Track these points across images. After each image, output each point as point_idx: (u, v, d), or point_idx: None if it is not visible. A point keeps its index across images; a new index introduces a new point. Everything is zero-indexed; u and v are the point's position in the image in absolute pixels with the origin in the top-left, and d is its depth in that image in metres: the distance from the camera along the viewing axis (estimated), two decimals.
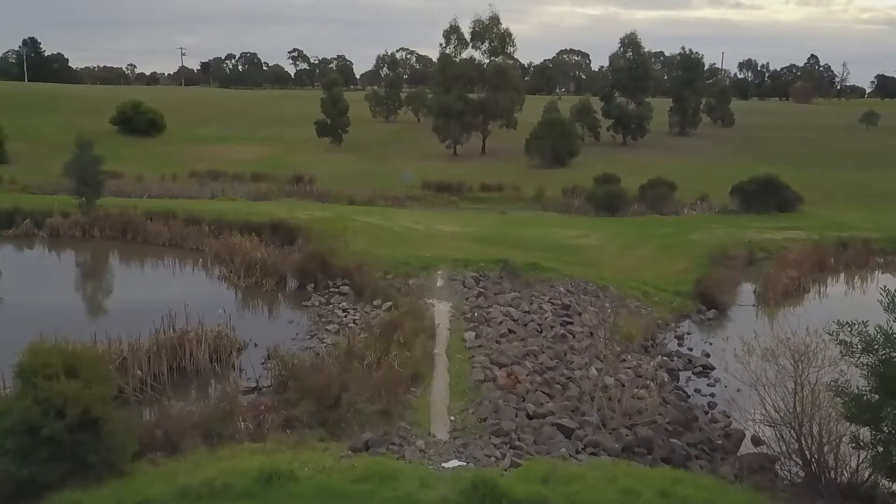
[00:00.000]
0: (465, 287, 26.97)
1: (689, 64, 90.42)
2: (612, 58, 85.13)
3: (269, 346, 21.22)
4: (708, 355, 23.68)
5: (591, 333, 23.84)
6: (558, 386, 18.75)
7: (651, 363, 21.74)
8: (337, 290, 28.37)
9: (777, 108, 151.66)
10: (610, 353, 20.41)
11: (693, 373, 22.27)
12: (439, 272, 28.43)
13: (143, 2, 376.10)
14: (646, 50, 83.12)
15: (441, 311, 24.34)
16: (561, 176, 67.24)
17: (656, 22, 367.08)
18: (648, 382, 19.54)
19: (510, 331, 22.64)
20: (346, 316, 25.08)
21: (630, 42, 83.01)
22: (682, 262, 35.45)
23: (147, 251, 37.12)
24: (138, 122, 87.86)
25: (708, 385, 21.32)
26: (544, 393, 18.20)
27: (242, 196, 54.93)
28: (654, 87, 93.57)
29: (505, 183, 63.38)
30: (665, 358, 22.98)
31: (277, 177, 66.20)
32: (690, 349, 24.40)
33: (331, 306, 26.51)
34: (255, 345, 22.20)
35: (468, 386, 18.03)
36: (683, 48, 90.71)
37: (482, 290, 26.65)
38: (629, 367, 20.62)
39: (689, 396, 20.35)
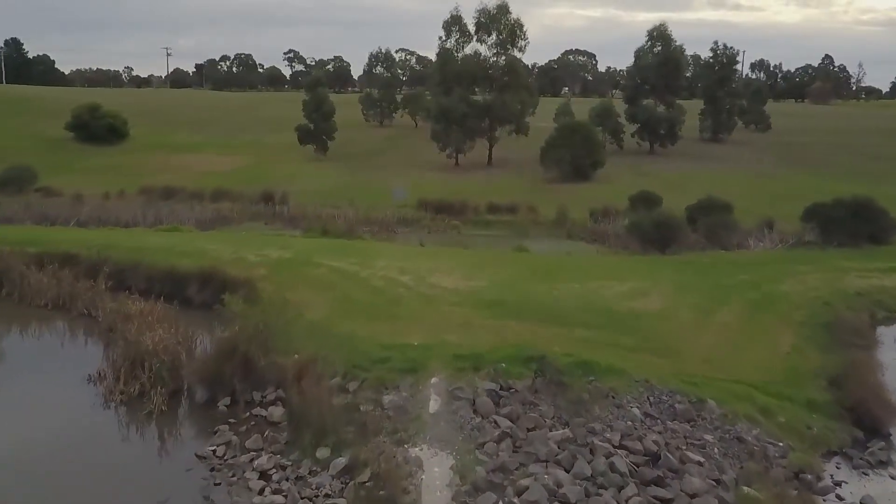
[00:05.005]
0: (475, 414, 15.98)
1: (723, 61, 79.14)
2: (639, 53, 73.80)
3: None
4: None
5: None
6: None
7: None
8: (264, 412, 17.21)
9: (800, 111, 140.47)
10: None
11: None
12: (433, 380, 17.36)
13: (142, 3, 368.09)
14: (677, 44, 71.69)
15: (434, 486, 13.35)
16: (584, 192, 56.20)
17: (656, 23, 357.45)
18: None
19: None
20: (263, 488, 13.93)
21: (659, 35, 71.75)
22: (786, 336, 24.37)
23: (20, 318, 26.02)
24: (95, 128, 76.99)
25: None
26: None
27: (192, 223, 44.08)
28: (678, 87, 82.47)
29: (518, 202, 52.38)
30: None
31: (245, 194, 55.32)
32: None
33: (245, 458, 15.29)
34: None
35: None
36: (716, 43, 79.53)
37: (507, 423, 15.65)
38: None
39: None
